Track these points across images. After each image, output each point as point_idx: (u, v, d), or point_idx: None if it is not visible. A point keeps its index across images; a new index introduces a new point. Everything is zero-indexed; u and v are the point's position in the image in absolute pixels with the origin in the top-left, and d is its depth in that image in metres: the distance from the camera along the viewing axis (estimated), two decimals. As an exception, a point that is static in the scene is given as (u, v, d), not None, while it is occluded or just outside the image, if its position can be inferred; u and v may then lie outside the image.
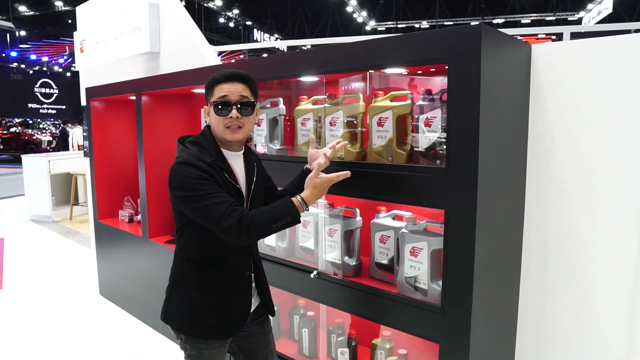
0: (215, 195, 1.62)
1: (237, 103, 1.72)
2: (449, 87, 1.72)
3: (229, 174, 1.76)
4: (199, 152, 1.71)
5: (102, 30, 4.56)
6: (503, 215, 1.94)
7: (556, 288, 2.04)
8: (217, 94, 1.72)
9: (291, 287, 2.44)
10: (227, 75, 1.74)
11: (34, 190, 7.93)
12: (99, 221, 4.24)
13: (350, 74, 2.28)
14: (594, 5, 20.45)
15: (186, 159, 1.68)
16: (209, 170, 1.66)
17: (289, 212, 1.65)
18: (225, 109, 1.71)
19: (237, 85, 1.73)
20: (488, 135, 1.71)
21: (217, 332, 1.82)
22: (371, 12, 28.31)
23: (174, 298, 1.85)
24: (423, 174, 1.84)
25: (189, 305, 1.80)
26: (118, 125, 4.29)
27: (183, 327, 1.82)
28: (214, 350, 1.83)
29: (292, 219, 1.66)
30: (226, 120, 1.72)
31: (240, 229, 1.58)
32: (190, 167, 1.65)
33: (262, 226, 1.63)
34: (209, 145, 1.75)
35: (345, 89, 2.45)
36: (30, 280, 4.92)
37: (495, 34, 1.73)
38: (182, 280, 1.84)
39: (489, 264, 1.84)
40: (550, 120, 1.99)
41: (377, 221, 2.23)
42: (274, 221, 1.63)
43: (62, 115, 27.28)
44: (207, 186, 1.63)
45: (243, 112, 1.73)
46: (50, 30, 27.59)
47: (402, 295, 2.01)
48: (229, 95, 1.71)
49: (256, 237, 1.67)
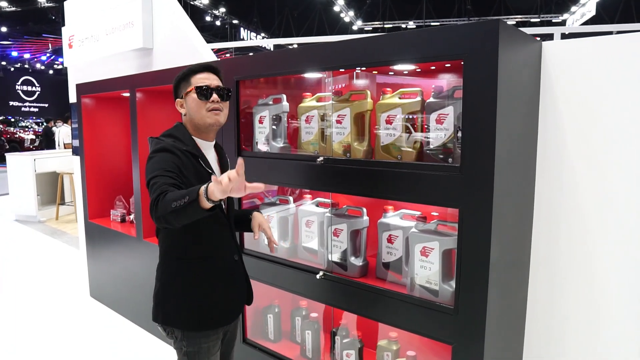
0: (162, 178, 1.62)
1: (216, 89, 1.83)
2: (465, 84, 1.69)
3: (204, 161, 1.82)
4: (174, 142, 1.78)
5: (93, 26, 4.45)
6: (515, 214, 1.91)
7: (566, 287, 2.02)
8: (195, 82, 1.82)
9: (295, 289, 2.38)
10: (204, 66, 1.87)
11: (18, 189, 7.73)
12: (90, 221, 4.13)
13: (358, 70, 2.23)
14: (578, 7, 20.70)
15: (162, 146, 1.75)
16: (179, 155, 1.72)
17: (189, 193, 1.50)
18: (207, 93, 1.81)
19: (213, 75, 1.87)
20: (503, 133, 1.68)
21: (222, 320, 1.88)
22: (358, 12, 28.32)
23: (170, 297, 1.84)
24: (436, 172, 1.80)
25: (190, 300, 1.81)
26: (110, 123, 4.19)
27: (186, 323, 1.81)
28: (212, 342, 1.85)
29: (190, 199, 1.48)
30: (208, 104, 1.81)
31: (153, 207, 1.56)
32: (164, 152, 1.72)
33: (165, 202, 1.52)
34: (183, 136, 1.84)
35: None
36: (18, 282, 4.78)
37: (511, 30, 1.70)
38: (175, 278, 1.84)
39: (502, 264, 1.81)
40: (561, 119, 1.97)
41: (385, 221, 2.18)
42: (174, 199, 1.51)
43: (45, 114, 26.81)
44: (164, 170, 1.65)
45: (222, 98, 1.84)
46: (32, 27, 27.06)
47: (413, 296, 1.97)
48: (208, 82, 1.83)
49: (160, 212, 1.54)
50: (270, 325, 2.74)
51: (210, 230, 1.83)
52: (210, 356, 1.85)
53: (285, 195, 2.68)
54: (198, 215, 1.51)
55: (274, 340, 2.75)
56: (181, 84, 1.86)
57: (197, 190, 1.48)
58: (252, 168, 2.49)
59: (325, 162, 2.14)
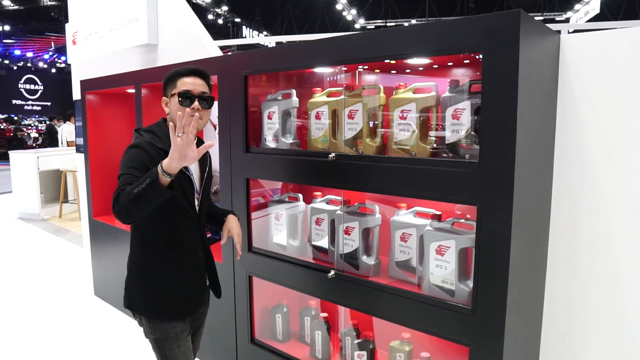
0: (128, 177, 1.67)
1: (199, 96, 1.83)
2: (484, 77, 1.63)
3: None
4: (152, 139, 1.83)
5: (97, 22, 4.40)
6: (533, 211, 1.86)
7: (585, 286, 1.97)
8: (180, 86, 1.83)
9: (305, 288, 2.33)
10: (191, 70, 1.86)
11: (22, 187, 7.70)
12: (94, 219, 4.09)
13: (373, 64, 2.18)
14: (582, 5, 20.59)
15: (135, 143, 1.81)
16: (150, 153, 1.76)
17: (148, 175, 1.58)
18: (189, 100, 1.81)
19: (199, 80, 1.86)
20: (523, 128, 1.63)
21: (183, 310, 1.91)
22: (360, 10, 28.23)
23: (135, 284, 1.92)
24: (453, 168, 1.75)
25: (152, 288, 1.88)
26: (114, 119, 4.14)
27: (149, 310, 1.88)
28: (179, 329, 1.90)
29: (150, 180, 1.55)
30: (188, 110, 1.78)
31: (114, 200, 1.63)
32: (137, 148, 1.78)
33: (125, 193, 1.59)
34: (162, 133, 1.86)
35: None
36: (22, 281, 4.74)
37: (532, 22, 1.65)
38: (141, 267, 1.91)
39: (522, 262, 1.76)
40: (581, 113, 1.92)
41: (398, 218, 2.13)
42: (135, 187, 1.58)
43: (47, 112, 26.78)
44: (130, 167, 1.71)
45: (203, 105, 1.83)
46: (35, 25, 27.05)
47: (428, 295, 1.91)
48: (191, 88, 1.82)
49: (122, 204, 1.60)
50: (279, 325, 2.70)
51: (177, 223, 1.88)
52: (179, 341, 1.90)
53: (294, 193, 2.63)
54: (160, 195, 1.57)
55: (282, 341, 2.70)
56: (168, 84, 1.88)
57: (155, 170, 1.56)
58: (261, 165, 2.44)
59: (336, 158, 2.09)
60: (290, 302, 2.74)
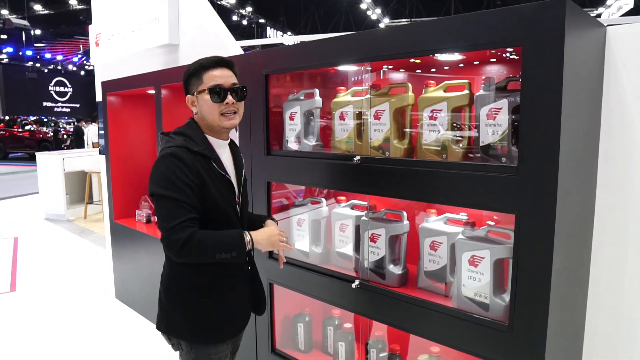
0: (181, 203, 1.55)
1: (231, 89, 1.68)
2: (524, 74, 1.49)
3: (217, 163, 1.69)
4: (185, 142, 1.64)
5: (119, 23, 4.37)
6: (576, 219, 1.70)
7: (632, 302, 1.80)
8: (208, 81, 1.67)
9: (328, 298, 2.22)
10: (217, 61, 1.69)
11: (48, 188, 7.78)
12: (115, 221, 4.05)
13: (399, 61, 2.04)
14: (614, 0, 19.96)
15: (172, 151, 1.60)
16: (192, 165, 1.59)
17: (236, 247, 1.58)
18: (221, 95, 1.65)
19: (227, 71, 1.70)
20: (567, 130, 1.48)
21: (231, 331, 1.76)
22: (385, 10, 27.98)
23: (174, 305, 1.72)
24: (489, 173, 1.61)
25: (195, 309, 1.70)
26: (135, 121, 4.10)
27: (191, 334, 1.70)
28: (222, 353, 1.75)
29: (238, 254, 1.59)
30: (222, 107, 1.67)
31: (183, 248, 1.52)
32: (175, 159, 1.58)
33: (206, 253, 1.56)
34: (195, 135, 1.69)
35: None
36: (44, 282, 4.75)
37: (578, 12, 1.50)
38: (181, 285, 1.72)
39: (564, 275, 1.61)
40: (629, 113, 1.75)
41: (427, 225, 2.00)
42: (218, 251, 1.56)
43: (76, 114, 27.36)
44: (179, 190, 1.55)
45: (237, 98, 1.69)
46: (65, 29, 27.66)
47: (460, 309, 1.78)
48: (222, 82, 1.66)
49: (195, 259, 1.58)
50: (301, 334, 2.59)
51: None
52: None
53: (317, 197, 2.51)
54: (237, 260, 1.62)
55: (304, 351, 2.59)
56: (192, 79, 1.70)
57: (243, 243, 1.58)
58: (282, 168, 2.33)
59: (362, 161, 1.97)
60: (313, 310, 2.62)
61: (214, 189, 1.63)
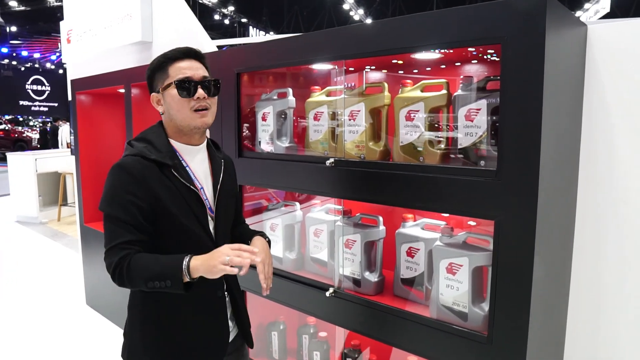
0: (120, 223, 1.38)
1: (201, 82, 1.46)
2: (503, 73, 1.42)
3: (179, 171, 1.45)
4: (144, 149, 1.44)
5: (91, 19, 4.22)
6: (558, 225, 1.64)
7: (613, 311, 1.75)
8: (174, 74, 1.45)
9: (302, 306, 2.12)
10: (184, 52, 1.48)
11: (20, 190, 7.54)
12: (86, 225, 3.90)
13: (375, 58, 1.96)
14: (591, 4, 20.24)
15: (121, 162, 1.43)
16: (141, 177, 1.39)
17: (170, 276, 1.32)
18: (190, 89, 1.44)
19: (196, 63, 1.49)
20: (549, 131, 1.41)
21: None
22: (368, 10, 28.00)
23: (135, 329, 1.52)
24: (467, 177, 1.54)
25: (156, 334, 1.49)
26: (107, 121, 3.96)
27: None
28: None
29: (173, 284, 1.33)
30: (192, 103, 1.45)
31: (114, 273, 1.37)
32: (121, 171, 1.40)
33: (136, 280, 1.35)
34: (157, 140, 1.48)
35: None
36: (13, 287, 4.57)
37: (559, 9, 1.43)
38: (143, 309, 1.51)
39: (545, 284, 1.54)
40: (610, 113, 1.70)
41: (404, 231, 1.92)
42: (150, 279, 1.34)
43: (54, 113, 26.82)
44: (120, 207, 1.38)
45: (209, 92, 1.47)
46: (42, 26, 27.09)
47: (438, 320, 1.70)
48: (190, 74, 1.45)
49: (129, 287, 1.40)
50: (275, 343, 2.49)
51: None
52: None
53: (291, 201, 2.42)
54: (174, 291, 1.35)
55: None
56: (156, 75, 1.48)
57: (179, 271, 1.31)
58: (254, 170, 2.23)
59: (336, 164, 1.88)
60: (288, 318, 2.53)
61: (171, 204, 1.41)
